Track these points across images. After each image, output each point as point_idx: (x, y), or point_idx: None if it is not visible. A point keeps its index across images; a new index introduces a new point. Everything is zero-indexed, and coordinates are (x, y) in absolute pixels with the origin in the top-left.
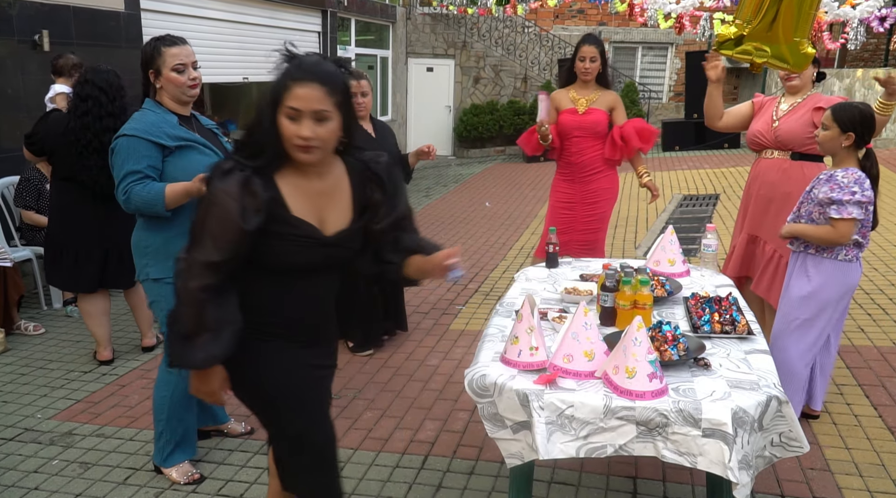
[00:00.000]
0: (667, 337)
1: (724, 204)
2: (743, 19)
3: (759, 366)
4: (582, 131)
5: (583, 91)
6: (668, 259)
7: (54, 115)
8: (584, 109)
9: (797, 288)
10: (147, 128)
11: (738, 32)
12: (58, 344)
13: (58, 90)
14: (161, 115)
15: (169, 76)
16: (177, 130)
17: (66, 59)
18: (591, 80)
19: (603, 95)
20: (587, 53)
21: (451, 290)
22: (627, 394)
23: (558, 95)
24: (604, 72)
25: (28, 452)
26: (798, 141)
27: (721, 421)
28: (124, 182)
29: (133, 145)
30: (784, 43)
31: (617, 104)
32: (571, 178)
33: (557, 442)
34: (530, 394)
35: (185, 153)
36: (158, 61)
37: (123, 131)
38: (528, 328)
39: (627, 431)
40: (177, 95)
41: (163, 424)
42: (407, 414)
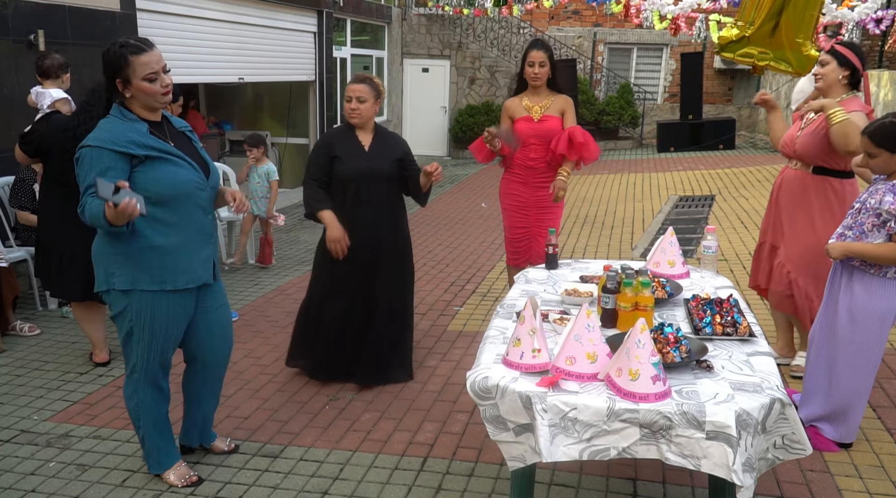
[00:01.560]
0: (669, 339)
1: (719, 205)
2: (745, 20)
3: (762, 368)
4: (538, 139)
5: (535, 98)
6: (668, 261)
7: (57, 117)
8: (538, 117)
9: (845, 308)
10: (113, 137)
11: (740, 34)
12: (53, 345)
13: (55, 96)
14: (130, 123)
15: (140, 86)
16: (147, 139)
17: (51, 59)
18: (541, 86)
19: (555, 100)
20: (535, 58)
21: (449, 291)
22: (631, 396)
23: (511, 104)
24: (553, 76)
25: (25, 453)
26: (811, 155)
27: (725, 424)
28: (84, 195)
29: (96, 157)
30: (787, 47)
31: (567, 108)
32: (525, 181)
33: (560, 445)
34: (533, 396)
35: (157, 165)
36: (127, 71)
37: (88, 142)
38: (530, 330)
39: (631, 434)
40: (149, 104)
41: (141, 430)
42: (406, 415)
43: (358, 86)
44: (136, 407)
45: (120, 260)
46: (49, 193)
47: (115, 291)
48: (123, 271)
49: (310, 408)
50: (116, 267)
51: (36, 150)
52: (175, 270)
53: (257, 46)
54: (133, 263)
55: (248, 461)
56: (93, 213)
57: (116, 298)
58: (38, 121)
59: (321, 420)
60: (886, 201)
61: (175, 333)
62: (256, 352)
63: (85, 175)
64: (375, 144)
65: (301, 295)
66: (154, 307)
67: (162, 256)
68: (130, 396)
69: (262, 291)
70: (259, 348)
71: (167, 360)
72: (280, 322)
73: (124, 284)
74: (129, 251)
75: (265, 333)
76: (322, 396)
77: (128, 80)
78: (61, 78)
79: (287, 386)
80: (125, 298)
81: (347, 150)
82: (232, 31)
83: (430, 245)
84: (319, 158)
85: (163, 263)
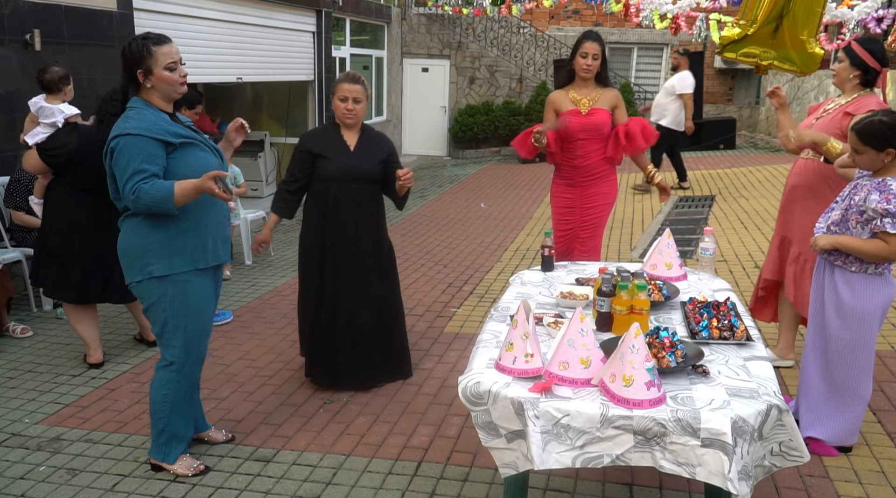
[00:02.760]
0: (664, 343)
1: (719, 205)
2: (746, 19)
3: (759, 373)
4: (587, 133)
5: (583, 90)
6: (665, 263)
7: (85, 128)
8: (587, 110)
9: (832, 306)
10: (149, 126)
11: (742, 33)
12: (47, 347)
13: (68, 113)
14: (156, 113)
15: (162, 75)
16: (175, 128)
17: (51, 73)
18: (590, 79)
19: (604, 94)
20: (589, 50)
21: (446, 292)
22: (624, 402)
23: (557, 97)
24: (603, 70)
25: (15, 457)
26: None
27: (720, 431)
28: (131, 181)
29: (138, 144)
30: (791, 46)
31: (619, 102)
32: (572, 182)
33: (553, 452)
34: (525, 402)
35: (188, 150)
36: (149, 61)
37: (126, 130)
38: (523, 334)
39: (625, 441)
40: (169, 93)
41: (164, 420)
42: (401, 419)
43: (355, 86)
44: (165, 398)
45: (155, 249)
46: (79, 203)
47: (151, 280)
48: (159, 259)
49: (304, 411)
50: (152, 256)
51: (66, 163)
52: (204, 249)
53: (256, 46)
54: (168, 248)
55: (240, 465)
56: (160, 197)
57: (151, 287)
58: (63, 133)
59: (315, 423)
60: (872, 200)
61: (208, 319)
62: (251, 354)
63: (127, 162)
64: (361, 144)
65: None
66: (187, 289)
67: (193, 238)
68: (162, 386)
69: (258, 293)
70: (254, 350)
71: (205, 349)
72: (276, 324)
73: (162, 269)
74: (164, 238)
75: (261, 335)
76: (317, 398)
77: (150, 70)
78: (63, 90)
79: (282, 388)
80: (161, 286)
81: (332, 149)
82: (230, 31)
83: (428, 246)
84: (302, 156)
85: (194, 243)
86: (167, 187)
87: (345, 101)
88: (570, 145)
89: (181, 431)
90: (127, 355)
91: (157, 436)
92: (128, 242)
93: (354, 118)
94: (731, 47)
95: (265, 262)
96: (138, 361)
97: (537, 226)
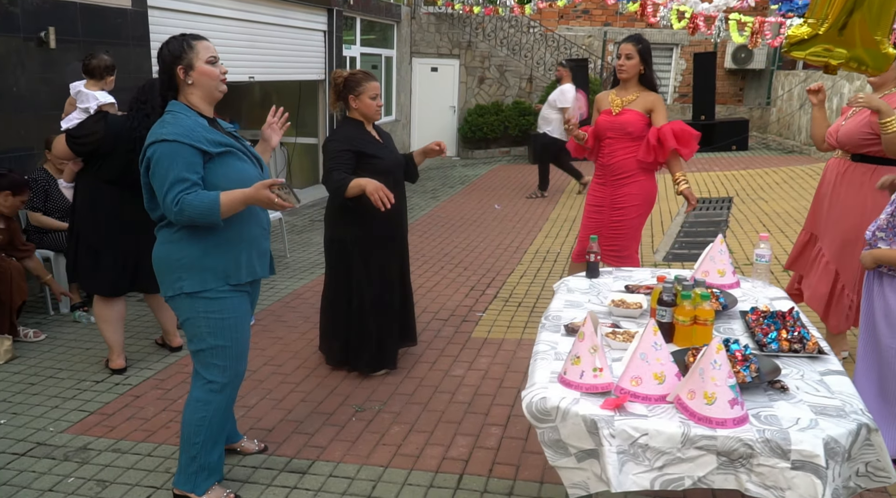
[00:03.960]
0: (736, 357)
1: (738, 207)
2: (816, 17)
3: (840, 389)
4: (614, 132)
5: (622, 92)
6: (717, 269)
7: (113, 118)
8: (618, 110)
9: (881, 314)
10: (187, 132)
11: (812, 32)
12: (67, 351)
13: (102, 100)
14: (194, 118)
15: (204, 69)
16: (214, 135)
17: (100, 59)
18: (629, 80)
19: (643, 97)
20: (623, 50)
21: (469, 295)
22: (707, 421)
23: (601, 96)
24: (646, 72)
25: (42, 468)
26: (853, 142)
27: (813, 453)
28: (172, 191)
29: (178, 152)
30: (861, 45)
31: (657, 106)
32: (604, 180)
33: (630, 473)
34: (599, 420)
35: (226, 160)
36: (191, 55)
37: (163, 136)
38: (591, 348)
39: (707, 462)
40: (211, 90)
41: (197, 447)
42: (436, 429)
43: (378, 84)
44: (202, 421)
45: (186, 264)
46: (105, 194)
47: (182, 296)
48: (190, 274)
49: (336, 419)
50: (184, 271)
51: (93, 151)
52: (238, 265)
53: (268, 45)
54: (200, 264)
55: (275, 477)
56: (205, 208)
57: (183, 304)
58: (91, 121)
59: (348, 433)
60: None
61: (244, 334)
62: (277, 359)
63: (167, 170)
64: (382, 137)
65: (317, 298)
66: (222, 307)
67: (227, 254)
68: (198, 408)
69: (278, 295)
70: (279, 355)
71: (244, 369)
72: (299, 328)
73: (192, 286)
74: (197, 253)
75: (284, 339)
76: (347, 406)
77: (191, 65)
78: (105, 79)
79: (311, 395)
80: (192, 302)
81: (371, 145)
82: (243, 30)
83: (446, 248)
84: (348, 155)
85: (227, 260)
86: (212, 198)
87: (375, 99)
88: (601, 144)
89: (214, 461)
90: (149, 360)
91: (188, 464)
92: (160, 255)
93: (380, 114)
94: (798, 47)
95: (282, 263)
96: (161, 366)
97: (555, 228)
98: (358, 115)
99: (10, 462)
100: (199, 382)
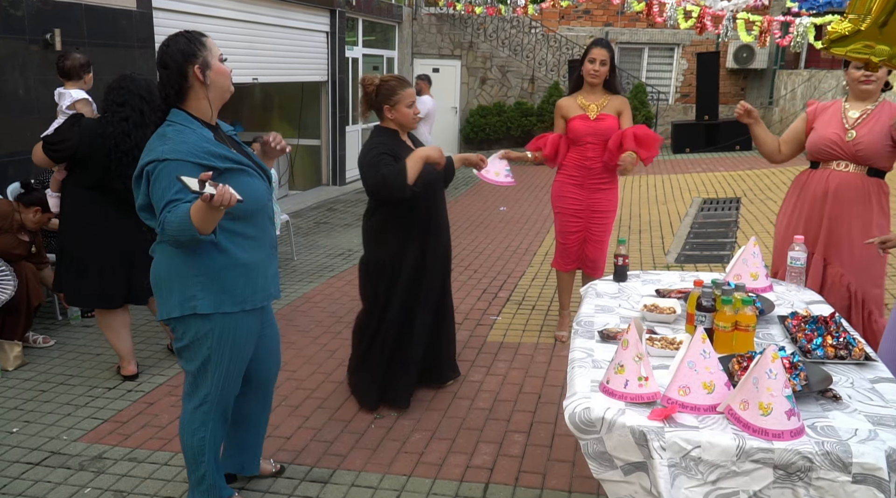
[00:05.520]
0: (784, 364)
1: (746, 208)
2: (858, 13)
3: (894, 397)
4: (595, 138)
5: (591, 96)
6: (750, 273)
7: (87, 122)
8: (595, 115)
9: None
10: (191, 148)
11: (854, 28)
12: (77, 357)
13: (76, 97)
14: (199, 131)
15: (220, 68)
16: (220, 149)
17: (73, 59)
18: (598, 85)
19: (611, 100)
20: (598, 55)
21: (482, 299)
22: (763, 433)
23: (565, 103)
24: (612, 77)
25: (57, 478)
26: (879, 156)
27: (875, 465)
28: (162, 212)
29: (179, 170)
30: None
31: (624, 108)
32: (581, 183)
33: (682, 487)
34: (648, 432)
35: (236, 177)
36: (205, 53)
37: (164, 155)
38: (635, 356)
39: (764, 476)
40: (224, 90)
41: (205, 465)
42: (458, 436)
43: (413, 90)
44: (202, 442)
45: (202, 281)
46: (85, 201)
47: (195, 317)
48: (206, 294)
49: (354, 427)
50: (198, 289)
51: (68, 158)
52: (255, 287)
53: (271, 46)
54: (217, 283)
55: (296, 487)
56: (178, 223)
57: (194, 325)
58: (66, 126)
59: (368, 441)
60: None
61: (248, 356)
62: (290, 365)
63: (164, 191)
64: (415, 146)
65: (328, 302)
66: (236, 329)
67: (244, 274)
68: (195, 430)
69: (287, 300)
70: (293, 361)
71: (239, 385)
72: (311, 332)
73: (208, 307)
74: (212, 271)
75: (297, 345)
76: (365, 413)
77: (207, 64)
78: (83, 78)
79: (327, 402)
80: (206, 324)
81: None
82: (246, 31)
83: (454, 250)
84: (387, 159)
85: (245, 281)
86: (183, 211)
87: (411, 107)
88: (580, 148)
89: (217, 477)
90: (161, 366)
91: (198, 483)
92: (165, 270)
93: (417, 123)
94: (838, 43)
95: (289, 266)
96: (174, 372)
97: None
98: (393, 124)
99: (25, 472)
100: (193, 402)
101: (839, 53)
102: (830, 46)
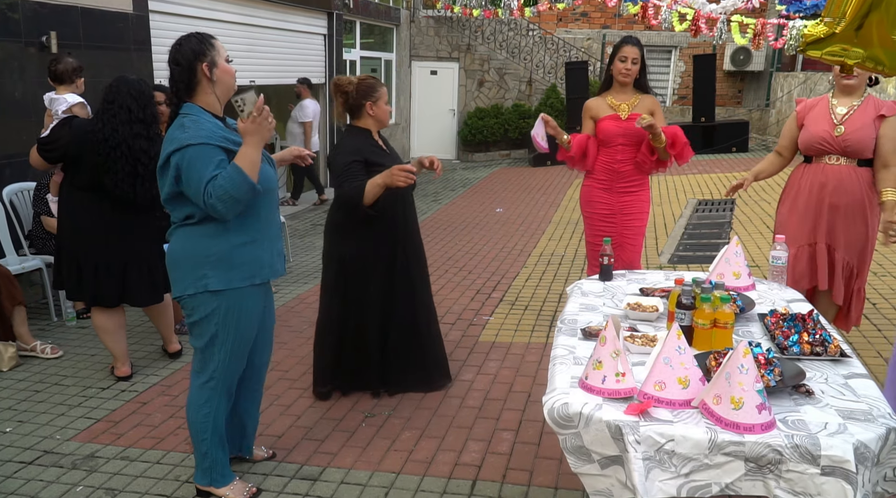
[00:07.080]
0: (759, 360)
1: (741, 209)
2: (833, 16)
3: (865, 392)
4: (626, 138)
5: (621, 96)
6: (732, 272)
7: (78, 121)
8: (626, 115)
9: None
10: (209, 133)
11: (830, 31)
12: (72, 358)
13: (71, 101)
14: (212, 120)
15: (226, 67)
16: (231, 135)
17: (64, 63)
18: (629, 84)
19: (643, 100)
20: (629, 54)
21: (475, 299)
22: (734, 427)
23: (594, 103)
24: (643, 76)
25: (49, 477)
26: (866, 148)
27: (843, 458)
28: (206, 190)
29: (206, 153)
30: (878, 44)
31: (656, 108)
32: (610, 186)
33: (656, 480)
34: (624, 426)
35: None
36: (213, 53)
37: (188, 141)
38: (613, 352)
39: (735, 469)
40: (229, 89)
41: (207, 443)
42: (447, 434)
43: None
44: (206, 418)
45: (212, 261)
46: (81, 201)
47: (205, 294)
48: (216, 272)
49: (345, 425)
50: (209, 268)
51: (61, 158)
52: (262, 263)
53: (269, 49)
54: (227, 261)
55: (286, 484)
56: (231, 181)
57: (205, 301)
58: (59, 127)
59: (359, 439)
60: None
61: (251, 336)
62: (283, 365)
63: (201, 172)
64: (386, 145)
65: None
66: (242, 305)
67: (252, 252)
68: (202, 405)
69: (281, 301)
70: (285, 361)
71: (244, 364)
72: (304, 332)
73: (218, 284)
74: (223, 250)
75: (289, 345)
76: (356, 412)
77: (214, 62)
78: (75, 82)
79: (319, 401)
80: (215, 300)
81: (378, 154)
82: (244, 34)
83: (449, 251)
84: (356, 167)
85: (253, 257)
86: (230, 170)
87: (388, 104)
88: (610, 150)
89: (221, 453)
90: (155, 367)
91: (202, 460)
92: (182, 252)
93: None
94: (815, 46)
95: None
96: (167, 373)
97: (558, 230)
98: (371, 122)
99: (18, 470)
100: (199, 380)
101: (815, 55)
102: (807, 49)
